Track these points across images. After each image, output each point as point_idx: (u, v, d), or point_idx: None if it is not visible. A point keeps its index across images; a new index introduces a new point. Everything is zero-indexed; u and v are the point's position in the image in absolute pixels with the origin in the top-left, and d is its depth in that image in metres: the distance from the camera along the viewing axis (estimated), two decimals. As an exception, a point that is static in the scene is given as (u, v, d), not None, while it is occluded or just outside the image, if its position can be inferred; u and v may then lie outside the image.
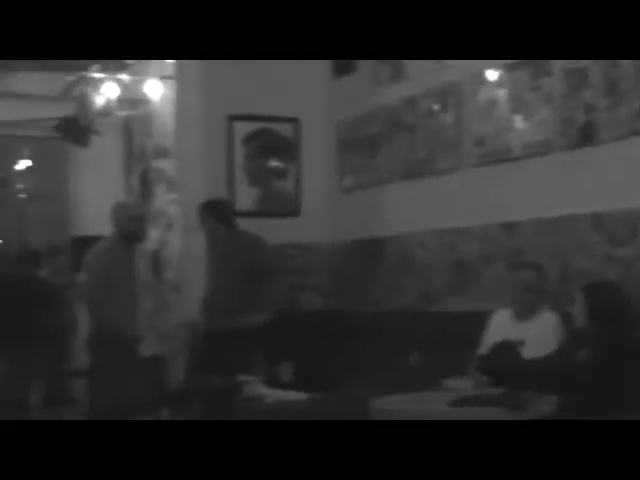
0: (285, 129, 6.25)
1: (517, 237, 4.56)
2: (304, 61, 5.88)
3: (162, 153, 7.96)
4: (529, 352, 3.74)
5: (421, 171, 5.33)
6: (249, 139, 6.16)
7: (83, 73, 7.86)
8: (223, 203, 5.65)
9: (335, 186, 6.23)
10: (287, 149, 6.28)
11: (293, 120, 6.25)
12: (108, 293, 5.30)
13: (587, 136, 4.12)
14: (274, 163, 6.26)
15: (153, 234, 7.59)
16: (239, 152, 6.15)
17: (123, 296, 5.40)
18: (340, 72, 6.14)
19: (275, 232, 5.73)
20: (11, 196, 9.76)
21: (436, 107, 5.19)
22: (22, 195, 9.75)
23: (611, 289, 3.71)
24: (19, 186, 9.78)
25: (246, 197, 6.14)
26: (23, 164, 9.72)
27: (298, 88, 6.14)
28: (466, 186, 4.94)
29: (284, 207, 6.28)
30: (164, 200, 7.88)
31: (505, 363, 3.77)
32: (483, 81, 4.80)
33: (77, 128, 7.90)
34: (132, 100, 8.21)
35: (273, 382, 4.69)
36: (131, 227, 5.54)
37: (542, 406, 3.05)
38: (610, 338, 3.47)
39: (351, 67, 6.01)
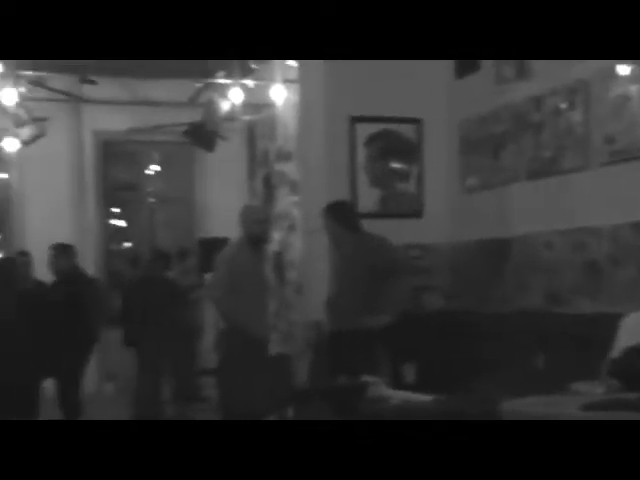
0: (407, 130, 6.20)
1: None
2: (426, 61, 5.84)
3: (285, 156, 8.08)
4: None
5: (548, 170, 5.21)
6: (371, 141, 6.13)
7: (210, 79, 8.09)
8: (347, 205, 5.67)
9: (458, 186, 6.15)
10: (409, 150, 6.22)
11: (415, 121, 6.20)
12: (238, 294, 5.42)
13: None
14: (396, 164, 6.21)
15: (276, 236, 7.73)
16: (361, 154, 6.13)
17: (251, 296, 5.51)
18: (463, 71, 6.06)
19: (397, 233, 5.69)
20: (141, 200, 10.21)
21: (563, 105, 5.07)
22: (151, 199, 10.17)
23: None
24: (149, 190, 10.22)
25: (368, 199, 6.10)
26: (152, 169, 10.14)
27: (420, 88, 6.09)
28: (595, 185, 4.82)
29: (406, 208, 6.22)
30: (286, 202, 8.01)
31: (634, 368, 3.67)
32: (614, 78, 4.65)
33: (204, 133, 8.12)
34: (256, 104, 8.42)
35: (397, 383, 4.69)
36: (258, 230, 5.69)
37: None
38: None
39: (474, 66, 5.91)
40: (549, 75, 5.16)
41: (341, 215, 5.46)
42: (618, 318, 4.17)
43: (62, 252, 6.66)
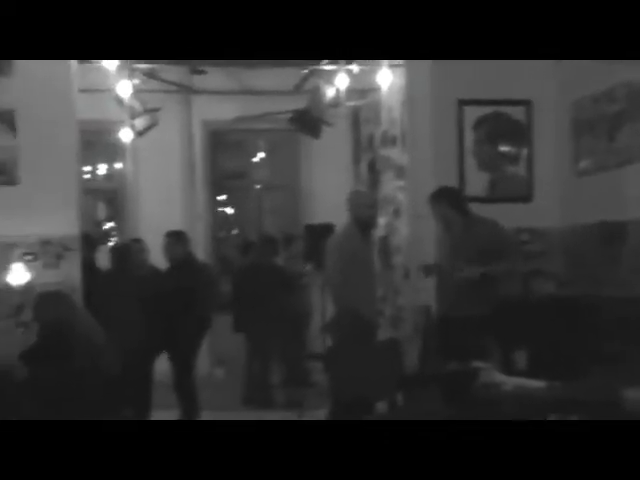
0: (516, 112, 6.18)
1: None
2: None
3: (390, 141, 8.04)
4: None
5: None
6: (480, 123, 6.14)
7: (315, 66, 8.13)
8: (456, 189, 5.68)
9: (569, 169, 6.08)
10: (518, 132, 6.20)
11: (525, 102, 6.17)
12: (349, 279, 5.48)
13: None
14: (505, 147, 6.21)
15: (381, 221, 7.75)
16: (469, 137, 6.15)
17: (362, 281, 5.56)
18: None
19: (507, 217, 5.65)
20: (248, 187, 10.39)
21: None
22: (258, 186, 10.34)
23: None
24: (255, 177, 10.39)
25: (477, 183, 6.13)
26: (259, 156, 10.29)
27: (529, 69, 5.99)
28: None
29: (516, 192, 6.21)
30: (392, 187, 7.96)
31: None
32: None
33: (310, 120, 8.15)
34: (361, 90, 8.40)
35: (508, 369, 4.64)
36: (366, 215, 5.73)
37: None
38: None
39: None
40: None
41: (451, 199, 5.45)
42: None
43: (176, 239, 6.80)
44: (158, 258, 6.98)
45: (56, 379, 4.53)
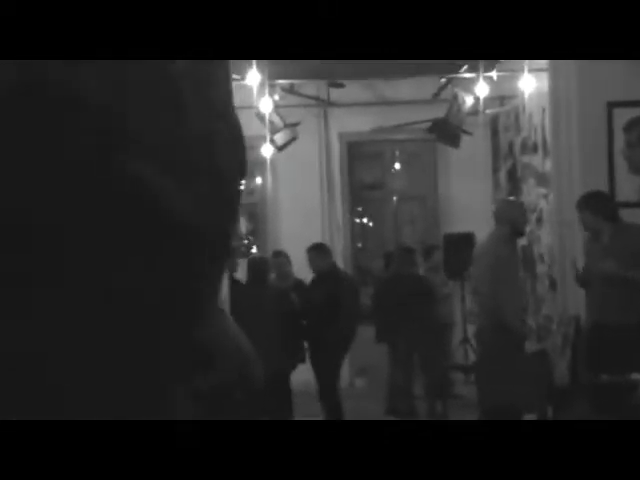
0: None
1: None
2: None
3: (531, 148, 8.02)
4: None
5: None
6: (631, 126, 5.83)
7: (454, 74, 8.12)
8: (604, 195, 5.58)
9: None
10: None
11: None
12: (498, 287, 5.45)
13: None
14: None
15: (527, 230, 7.67)
16: (619, 140, 5.98)
17: (512, 290, 5.53)
18: None
19: None
20: (386, 198, 10.44)
21: None
22: (395, 197, 10.37)
23: None
24: (393, 188, 10.43)
25: (628, 187, 6.00)
26: (396, 167, 10.33)
27: None
28: None
29: None
30: (534, 195, 7.94)
31: None
32: None
33: (449, 129, 8.16)
34: (500, 97, 8.48)
35: None
36: (518, 223, 5.73)
37: None
38: None
39: None
40: None
41: (599, 205, 5.36)
42: None
43: (321, 252, 6.94)
44: (300, 270, 7.13)
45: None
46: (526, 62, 7.50)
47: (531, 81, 7.46)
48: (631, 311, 5.01)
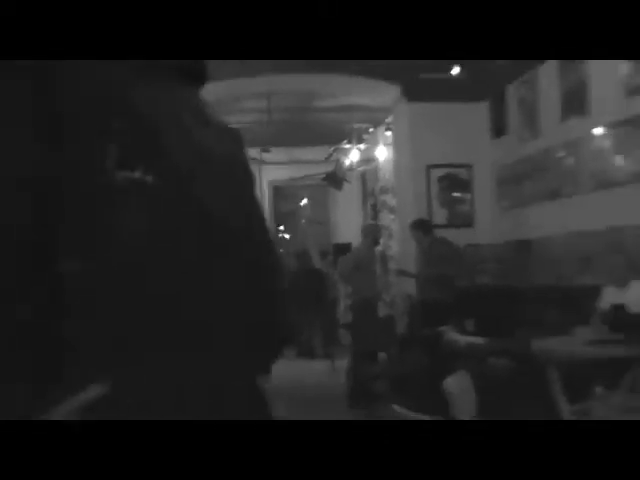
0: (463, 172, 6.17)
1: (620, 235, 4.27)
2: (475, 125, 5.79)
3: (385, 191, 8.14)
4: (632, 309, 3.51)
5: (554, 195, 5.14)
6: (440, 180, 6.10)
7: (338, 146, 8.37)
8: (425, 220, 5.62)
9: (497, 207, 6.07)
10: (465, 185, 6.17)
11: (468, 166, 6.17)
12: (360, 274, 5.44)
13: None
14: (457, 194, 6.15)
15: (381, 241, 7.86)
16: (434, 188, 6.10)
17: (368, 276, 5.52)
18: (497, 133, 6.02)
19: (458, 237, 5.72)
20: (297, 222, 10.42)
21: (562, 154, 5.02)
22: (304, 220, 10.44)
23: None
24: (302, 215, 10.50)
25: (439, 216, 6.06)
26: (304, 202, 10.43)
27: (471, 146, 6.08)
28: (584, 204, 4.76)
29: (464, 221, 6.15)
30: (387, 219, 8.05)
31: (616, 318, 3.53)
32: (594, 137, 4.61)
33: (336, 178, 8.33)
34: (366, 160, 8.50)
35: (462, 332, 4.53)
36: (374, 237, 5.75)
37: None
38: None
39: (504, 130, 5.87)
40: (551, 134, 5.11)
41: (422, 226, 5.42)
42: (601, 288, 4.13)
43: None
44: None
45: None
46: (381, 138, 7.78)
47: (384, 151, 7.65)
48: (442, 292, 5.07)
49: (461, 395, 2.34)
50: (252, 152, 8.84)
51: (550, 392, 3.16)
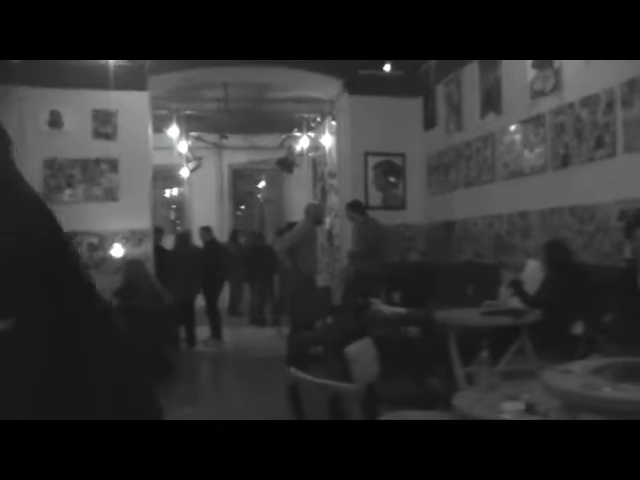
0: (397, 160, 6.13)
1: (528, 220, 4.36)
2: (409, 119, 5.73)
3: (332, 175, 8.00)
4: (529, 286, 3.56)
5: (473, 183, 5.15)
6: (377, 166, 6.06)
7: (290, 134, 8.21)
8: (359, 202, 5.55)
9: (426, 192, 6.07)
10: (399, 171, 6.14)
11: (401, 155, 6.13)
12: (301, 249, 5.39)
13: (564, 162, 3.94)
14: (391, 179, 6.13)
15: (328, 220, 7.78)
16: (371, 173, 6.05)
17: (309, 252, 5.47)
18: (428, 126, 6.00)
19: (392, 218, 5.73)
20: (255, 201, 10.35)
21: (481, 146, 5.03)
22: (261, 200, 10.35)
23: (561, 245, 3.50)
24: (259, 195, 10.37)
25: (375, 198, 6.02)
26: (261, 184, 10.28)
27: (405, 136, 6.04)
28: (499, 191, 4.77)
29: (397, 204, 6.13)
30: (333, 201, 7.92)
31: (517, 293, 3.56)
32: (507, 132, 4.62)
33: (287, 163, 8.26)
34: (315, 146, 8.40)
35: (389, 303, 4.61)
36: (317, 216, 5.65)
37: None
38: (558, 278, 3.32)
39: (434, 123, 5.85)
40: (473, 129, 5.11)
41: (357, 207, 5.36)
42: (508, 265, 4.14)
43: (206, 230, 6.65)
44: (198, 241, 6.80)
45: (132, 307, 4.50)
46: (327, 127, 7.61)
47: (329, 138, 7.58)
48: (373, 266, 4.99)
49: (361, 361, 2.27)
50: (212, 138, 8.65)
51: (448, 356, 3.10)
